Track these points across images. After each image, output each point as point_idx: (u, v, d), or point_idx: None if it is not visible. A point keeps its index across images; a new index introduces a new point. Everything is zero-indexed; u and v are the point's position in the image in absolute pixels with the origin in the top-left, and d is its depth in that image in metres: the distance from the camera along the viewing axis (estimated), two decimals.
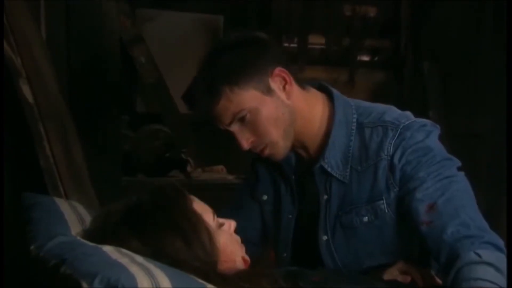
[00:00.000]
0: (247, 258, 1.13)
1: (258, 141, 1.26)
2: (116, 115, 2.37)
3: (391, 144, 1.24)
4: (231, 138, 1.29)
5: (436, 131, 1.28)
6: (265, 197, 1.41)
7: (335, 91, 1.33)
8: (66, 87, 2.15)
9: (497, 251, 1.15)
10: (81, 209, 1.27)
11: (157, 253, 1.00)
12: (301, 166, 1.34)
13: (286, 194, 1.37)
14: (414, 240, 1.27)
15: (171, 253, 1.00)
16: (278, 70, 1.25)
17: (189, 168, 2.72)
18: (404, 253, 1.29)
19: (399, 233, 1.27)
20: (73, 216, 1.19)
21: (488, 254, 1.13)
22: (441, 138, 1.33)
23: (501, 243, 1.18)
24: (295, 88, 1.27)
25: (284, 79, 1.26)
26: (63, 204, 1.25)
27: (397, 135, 1.24)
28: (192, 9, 3.19)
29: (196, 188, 1.15)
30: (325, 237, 1.30)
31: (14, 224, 1.32)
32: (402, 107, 1.36)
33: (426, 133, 1.26)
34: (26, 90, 1.65)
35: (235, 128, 1.25)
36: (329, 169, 1.28)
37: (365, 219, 1.26)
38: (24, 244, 1.04)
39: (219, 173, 2.93)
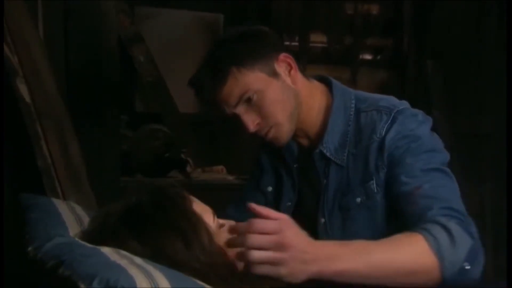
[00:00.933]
0: None
1: (264, 123, 1.29)
2: (115, 115, 2.38)
3: (384, 127, 1.28)
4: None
5: (428, 122, 1.31)
6: (269, 189, 1.45)
7: (334, 81, 1.38)
8: (64, 87, 2.15)
9: (469, 238, 1.14)
10: (79, 210, 1.27)
11: (157, 254, 1.00)
12: (303, 155, 1.38)
13: (288, 183, 1.41)
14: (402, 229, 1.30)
15: (171, 254, 1.01)
16: (283, 55, 1.31)
17: (188, 169, 2.72)
18: None
19: (388, 218, 1.30)
20: (71, 217, 1.20)
21: (456, 229, 1.13)
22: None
23: (479, 241, 1.17)
24: (299, 75, 1.33)
25: (290, 65, 1.32)
26: (61, 205, 1.25)
27: (390, 119, 1.28)
28: (192, 8, 3.20)
29: (196, 189, 1.15)
30: (322, 220, 1.34)
31: (11, 225, 1.32)
32: None
33: (418, 123, 1.29)
34: (23, 90, 1.65)
35: (241, 110, 1.28)
36: (327, 154, 1.32)
37: (358, 200, 1.30)
38: (22, 246, 1.04)
39: (219, 173, 2.93)
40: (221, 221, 1.14)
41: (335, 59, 3.47)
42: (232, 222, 1.16)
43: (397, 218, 1.26)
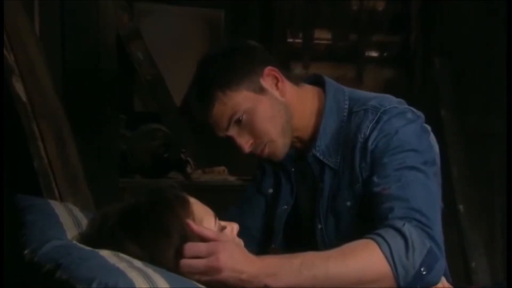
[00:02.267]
0: None
1: (258, 142, 1.31)
2: (113, 114, 2.38)
3: (368, 127, 1.28)
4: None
5: (418, 121, 1.31)
6: (270, 191, 1.46)
7: (327, 80, 1.38)
8: (61, 85, 2.16)
9: (427, 241, 1.13)
10: (76, 211, 1.28)
11: (154, 258, 1.00)
12: (300, 159, 1.40)
13: (286, 186, 1.42)
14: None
15: (167, 260, 1.01)
16: (268, 69, 1.31)
17: (188, 169, 2.72)
18: None
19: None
20: (69, 219, 1.20)
21: (412, 232, 1.12)
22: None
23: (441, 244, 1.16)
24: (287, 85, 1.33)
25: (276, 78, 1.32)
26: (58, 207, 1.26)
27: (376, 118, 1.28)
28: (192, 3, 3.20)
29: (196, 190, 1.16)
30: (319, 226, 1.35)
31: (7, 228, 1.33)
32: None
33: (406, 121, 1.29)
34: (19, 88, 1.66)
35: (233, 132, 1.31)
36: (321, 157, 1.33)
37: (348, 203, 1.30)
38: (18, 248, 1.05)
39: (220, 174, 2.93)
40: (223, 223, 1.14)
41: (340, 57, 3.47)
42: (234, 224, 1.16)
43: (368, 221, 1.25)
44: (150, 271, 0.92)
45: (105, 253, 0.96)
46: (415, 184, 1.21)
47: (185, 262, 1.02)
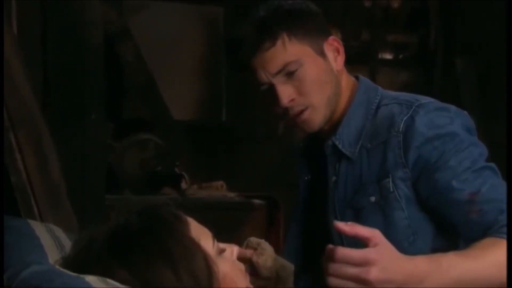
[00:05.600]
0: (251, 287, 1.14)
1: (299, 101, 1.36)
2: (99, 122, 2.39)
3: (402, 120, 1.34)
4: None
5: (462, 117, 1.37)
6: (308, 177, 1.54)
7: (362, 77, 1.48)
8: (41, 90, 2.16)
9: None
10: (59, 232, 1.27)
11: (146, 284, 1.00)
12: (316, 152, 1.47)
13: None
14: (420, 234, 1.36)
15: (161, 286, 1.01)
16: (332, 39, 1.41)
17: (183, 185, 2.73)
18: (410, 249, 1.33)
19: (404, 221, 1.36)
20: (50, 241, 1.20)
21: None
22: None
23: None
24: (342, 64, 1.42)
25: (337, 50, 1.41)
26: (38, 227, 1.25)
27: (410, 112, 1.34)
28: None
29: (192, 208, 1.16)
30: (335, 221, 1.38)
31: None
32: None
33: (450, 118, 1.35)
34: None
35: (278, 80, 1.35)
36: (339, 146, 1.40)
37: (372, 199, 1.36)
38: None
39: (218, 190, 2.94)
40: (222, 245, 1.14)
41: (351, 58, 3.46)
42: (234, 246, 1.16)
43: (444, 227, 1.33)
44: None
45: (91, 279, 0.96)
46: (499, 183, 1.30)
47: (334, 266, 1.06)
